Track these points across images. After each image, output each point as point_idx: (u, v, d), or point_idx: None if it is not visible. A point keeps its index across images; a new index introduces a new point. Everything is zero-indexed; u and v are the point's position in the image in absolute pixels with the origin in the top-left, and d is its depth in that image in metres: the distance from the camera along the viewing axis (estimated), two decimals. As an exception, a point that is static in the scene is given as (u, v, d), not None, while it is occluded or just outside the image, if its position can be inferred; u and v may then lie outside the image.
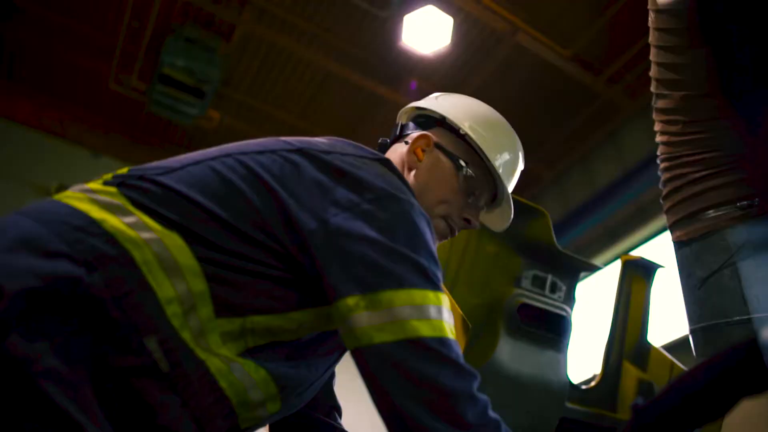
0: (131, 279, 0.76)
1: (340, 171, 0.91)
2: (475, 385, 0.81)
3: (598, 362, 5.40)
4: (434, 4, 5.04)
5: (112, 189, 0.86)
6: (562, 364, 1.52)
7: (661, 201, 1.44)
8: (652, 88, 1.42)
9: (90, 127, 6.49)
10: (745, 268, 1.21)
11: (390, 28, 5.40)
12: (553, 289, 1.53)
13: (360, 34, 5.59)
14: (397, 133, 1.18)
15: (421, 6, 5.03)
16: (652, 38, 1.40)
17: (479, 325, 1.41)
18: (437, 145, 1.11)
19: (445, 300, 0.86)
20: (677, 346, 4.40)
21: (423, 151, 1.10)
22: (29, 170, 5.99)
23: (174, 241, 0.81)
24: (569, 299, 1.57)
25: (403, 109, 1.24)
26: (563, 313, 1.52)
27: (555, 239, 1.52)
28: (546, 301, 1.51)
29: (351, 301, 0.81)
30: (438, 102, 1.18)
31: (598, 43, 5.56)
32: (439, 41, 5.21)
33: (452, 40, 5.24)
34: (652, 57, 1.41)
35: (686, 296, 1.34)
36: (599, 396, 1.51)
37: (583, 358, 5.38)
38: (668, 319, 4.17)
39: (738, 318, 1.19)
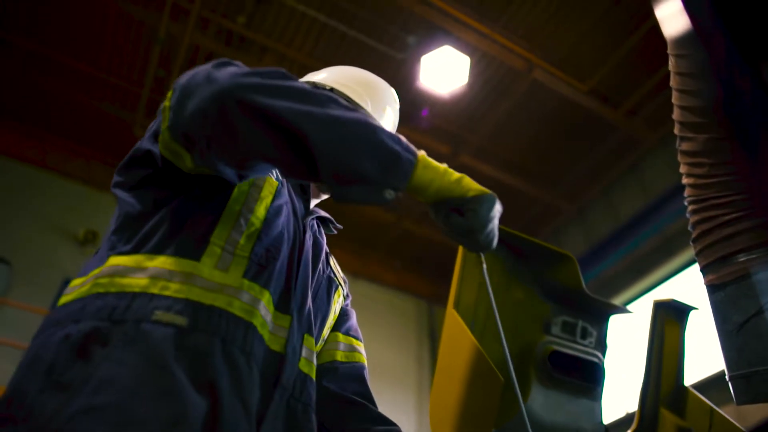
0: (113, 302, 0.86)
1: None
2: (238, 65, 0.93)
3: (624, 398, 5.21)
4: (451, 44, 5.13)
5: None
6: (596, 413, 1.47)
7: (691, 243, 1.42)
8: (676, 131, 1.42)
9: (116, 173, 6.65)
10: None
11: (407, 69, 5.50)
12: (584, 334, 1.50)
13: (378, 75, 5.68)
14: None
15: (438, 47, 5.12)
16: (673, 82, 1.41)
17: (509, 374, 1.38)
18: None
19: None
20: (706, 386, 4.27)
21: None
22: (57, 216, 6.13)
23: (115, 260, 0.92)
24: (601, 344, 1.54)
25: None
26: (596, 360, 1.48)
27: (584, 283, 1.50)
28: (577, 347, 1.48)
29: (163, 127, 0.95)
30: (310, 74, 1.41)
31: (615, 77, 5.59)
32: (456, 81, 5.27)
33: (469, 78, 5.31)
34: (674, 100, 1.41)
35: (723, 341, 1.30)
36: (636, 445, 1.46)
37: (612, 396, 5.22)
38: (698, 358, 4.05)
39: (780, 365, 1.16)
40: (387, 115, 1.37)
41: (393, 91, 1.44)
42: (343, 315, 1.33)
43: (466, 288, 1.42)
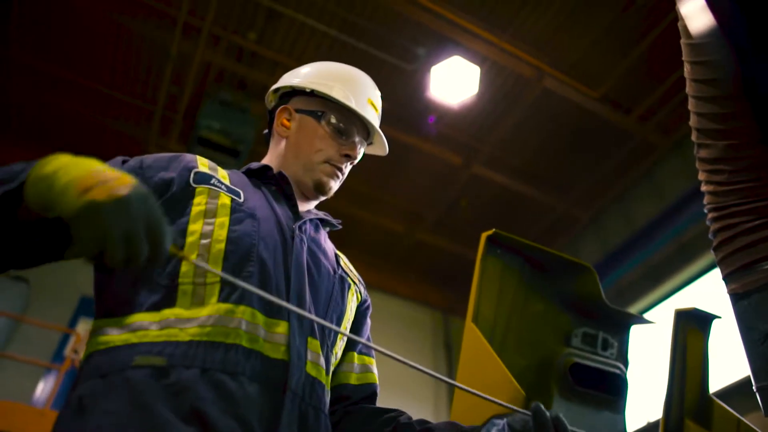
0: (100, 359, 0.91)
1: None
2: None
3: (646, 408, 5.11)
4: (460, 55, 5.14)
5: None
6: (619, 425, 1.45)
7: (712, 251, 1.40)
8: (693, 138, 1.40)
9: (131, 190, 6.71)
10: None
11: (418, 81, 5.51)
12: (605, 346, 1.48)
13: (388, 87, 5.71)
14: (270, 118, 1.39)
15: (448, 57, 5.13)
16: (689, 89, 1.39)
17: (530, 387, 1.36)
18: (297, 110, 1.30)
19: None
20: (729, 393, 4.19)
21: (288, 120, 1.31)
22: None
23: (99, 323, 0.97)
24: (622, 356, 1.51)
25: (265, 96, 1.43)
26: (618, 372, 1.45)
27: (603, 294, 1.48)
28: (598, 359, 1.45)
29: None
30: (286, 77, 1.38)
31: (626, 82, 5.56)
32: (466, 90, 5.27)
33: (480, 88, 5.31)
34: (690, 107, 1.39)
35: (749, 351, 1.27)
36: (662, 458, 1.43)
37: (634, 405, 5.15)
38: (720, 365, 3.99)
39: (809, 375, 1.13)
40: (369, 107, 1.37)
41: (372, 81, 1.44)
42: (358, 325, 1.32)
43: (485, 300, 1.41)
